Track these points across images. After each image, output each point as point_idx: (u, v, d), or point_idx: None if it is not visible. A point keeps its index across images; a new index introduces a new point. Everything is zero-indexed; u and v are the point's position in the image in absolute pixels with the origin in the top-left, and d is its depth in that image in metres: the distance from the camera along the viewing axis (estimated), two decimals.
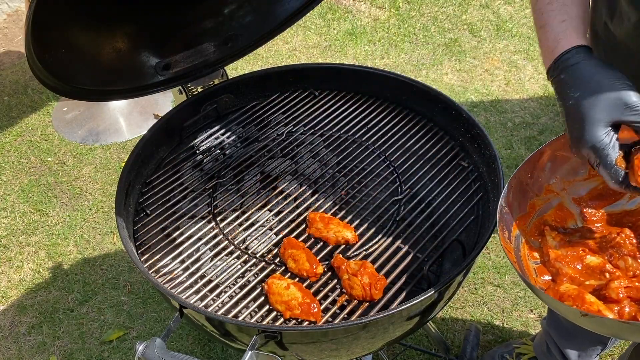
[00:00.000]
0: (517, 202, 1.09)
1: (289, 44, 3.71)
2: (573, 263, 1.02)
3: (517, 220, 1.08)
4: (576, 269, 1.01)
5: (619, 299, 0.90)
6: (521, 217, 1.09)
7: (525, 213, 1.10)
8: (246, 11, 1.57)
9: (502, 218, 1.03)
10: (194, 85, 1.60)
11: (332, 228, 1.25)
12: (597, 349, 1.75)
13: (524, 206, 1.10)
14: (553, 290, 0.96)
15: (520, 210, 1.09)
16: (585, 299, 0.91)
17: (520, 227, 1.08)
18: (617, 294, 0.90)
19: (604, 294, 0.91)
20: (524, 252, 1.06)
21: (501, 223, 1.02)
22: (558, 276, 1.01)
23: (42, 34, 1.13)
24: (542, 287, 1.00)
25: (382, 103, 1.62)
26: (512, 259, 0.99)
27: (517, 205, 1.09)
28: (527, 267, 1.04)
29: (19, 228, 2.63)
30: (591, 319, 0.83)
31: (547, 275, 1.02)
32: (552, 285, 1.00)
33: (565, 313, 0.88)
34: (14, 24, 4.11)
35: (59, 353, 2.16)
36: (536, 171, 1.10)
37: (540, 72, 3.32)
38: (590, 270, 1.00)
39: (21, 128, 3.20)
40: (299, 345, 1.07)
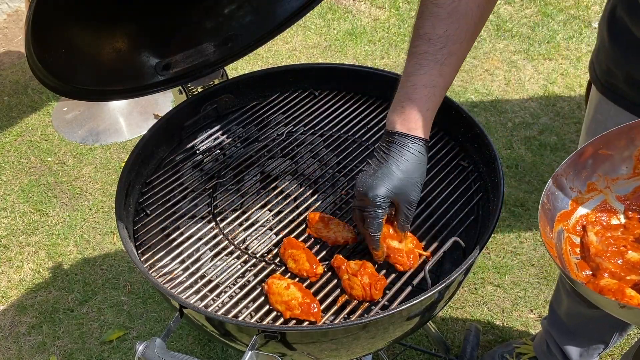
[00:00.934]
0: (559, 199, 1.10)
1: (289, 44, 3.71)
2: (614, 258, 1.03)
3: (559, 216, 1.09)
4: (617, 264, 1.02)
5: None
6: (563, 213, 1.10)
7: (567, 210, 1.11)
8: (246, 11, 1.57)
9: (543, 213, 1.05)
10: (194, 85, 1.60)
11: (332, 228, 1.25)
12: (599, 347, 1.75)
13: (566, 203, 1.11)
14: (593, 284, 0.97)
15: (562, 207, 1.11)
16: (625, 292, 0.92)
17: (561, 222, 1.09)
18: None
19: None
20: (566, 247, 1.07)
21: (542, 219, 1.04)
22: (598, 271, 1.02)
23: (42, 34, 1.13)
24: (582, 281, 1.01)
25: (382, 103, 1.62)
26: (553, 254, 1.00)
27: (559, 202, 1.10)
28: (569, 262, 1.05)
29: (19, 228, 2.63)
30: (629, 310, 0.85)
31: (588, 270, 1.04)
32: (592, 279, 1.00)
33: (604, 305, 0.90)
34: (14, 24, 4.11)
35: (59, 353, 2.16)
36: (578, 168, 1.11)
37: (540, 72, 3.33)
38: (631, 266, 1.01)
39: (21, 128, 3.20)
40: (299, 345, 1.07)
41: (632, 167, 1.11)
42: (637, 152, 1.09)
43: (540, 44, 3.52)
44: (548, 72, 3.32)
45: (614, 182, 1.12)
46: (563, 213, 1.10)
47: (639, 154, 1.09)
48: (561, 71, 3.32)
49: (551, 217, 1.07)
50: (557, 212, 1.09)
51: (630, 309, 0.84)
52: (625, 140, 1.08)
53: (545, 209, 1.06)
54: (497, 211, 1.18)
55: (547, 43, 3.52)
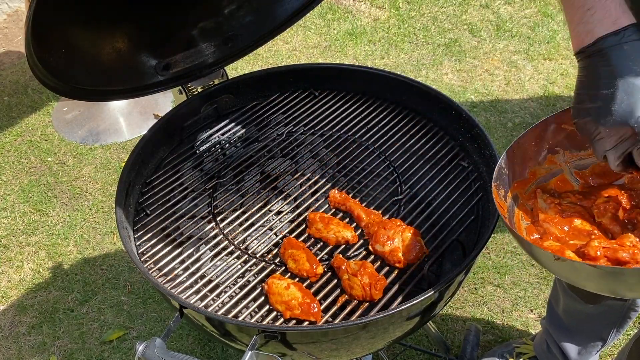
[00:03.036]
0: (518, 167, 1.12)
1: (289, 44, 3.71)
2: (561, 225, 1.05)
3: (515, 183, 1.12)
4: (562, 230, 1.04)
5: (597, 257, 0.93)
6: (520, 181, 1.13)
7: (525, 179, 1.13)
8: (246, 11, 1.57)
9: (499, 177, 1.07)
10: (194, 85, 1.60)
11: (332, 228, 1.25)
12: (597, 345, 1.75)
13: (524, 172, 1.13)
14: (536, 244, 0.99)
15: (519, 175, 1.13)
16: (564, 253, 0.94)
17: (517, 189, 1.12)
18: (595, 252, 0.93)
19: (583, 251, 0.95)
20: (518, 213, 1.10)
21: (497, 181, 1.07)
22: (545, 235, 1.05)
23: (42, 34, 1.13)
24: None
25: (382, 103, 1.62)
26: (503, 213, 1.02)
27: (517, 170, 1.12)
28: (519, 226, 1.07)
29: (19, 228, 2.63)
30: (562, 263, 0.86)
31: (536, 234, 1.06)
32: (537, 240, 1.03)
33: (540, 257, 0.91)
34: (14, 24, 4.11)
35: (59, 353, 2.16)
36: (540, 140, 1.12)
37: (540, 72, 3.32)
38: (577, 232, 1.03)
39: (21, 128, 3.20)
40: (299, 345, 1.07)
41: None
42: None
43: (540, 44, 3.52)
44: (548, 72, 3.32)
45: (574, 158, 1.14)
46: (521, 181, 1.12)
47: None
48: (561, 71, 3.32)
49: (507, 182, 1.10)
50: (515, 178, 1.11)
51: (563, 261, 0.86)
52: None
53: (501, 172, 1.08)
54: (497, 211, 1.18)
55: (547, 43, 3.52)
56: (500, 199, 1.06)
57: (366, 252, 1.24)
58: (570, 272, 0.89)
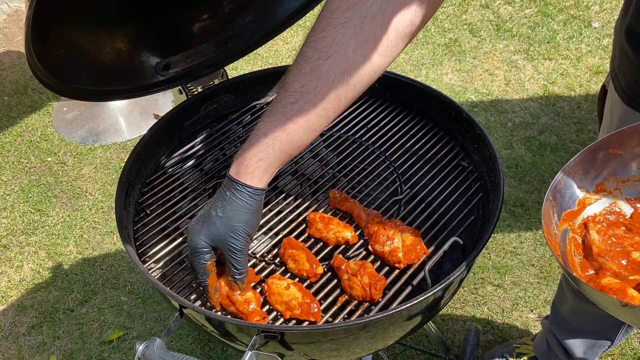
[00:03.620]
0: (566, 197, 1.06)
1: (289, 44, 3.71)
2: (617, 258, 0.99)
3: (564, 215, 1.05)
4: (620, 264, 0.98)
5: None
6: (569, 212, 1.06)
7: (573, 210, 1.07)
8: (246, 11, 1.56)
9: (548, 210, 1.01)
10: (194, 85, 1.60)
11: (332, 228, 1.25)
12: (604, 345, 1.74)
13: (572, 202, 1.07)
14: (594, 283, 0.94)
15: (568, 205, 1.06)
16: (627, 292, 0.89)
17: (567, 222, 1.05)
18: None
19: None
20: (570, 247, 1.03)
21: (547, 215, 1.00)
22: (601, 270, 0.98)
23: (42, 34, 1.13)
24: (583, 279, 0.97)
25: (382, 103, 1.62)
26: (556, 252, 0.96)
27: (565, 201, 1.06)
28: (572, 262, 1.01)
29: (19, 228, 2.63)
30: (631, 309, 0.81)
31: (591, 270, 1.00)
32: (594, 277, 0.97)
33: (605, 304, 0.87)
34: (14, 24, 4.11)
35: (59, 353, 2.16)
36: (587, 167, 1.06)
37: (540, 72, 3.33)
38: (636, 266, 0.97)
39: (21, 128, 3.20)
40: (299, 345, 1.07)
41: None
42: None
43: (540, 44, 3.52)
44: (548, 72, 3.32)
45: (624, 184, 1.08)
46: (569, 212, 1.06)
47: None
48: (561, 71, 3.32)
49: (557, 216, 1.04)
50: (562, 211, 1.05)
51: (632, 307, 0.81)
52: (637, 140, 1.04)
53: (550, 205, 1.01)
54: (497, 211, 1.18)
55: (547, 43, 3.52)
56: (552, 234, 0.99)
57: (366, 252, 1.24)
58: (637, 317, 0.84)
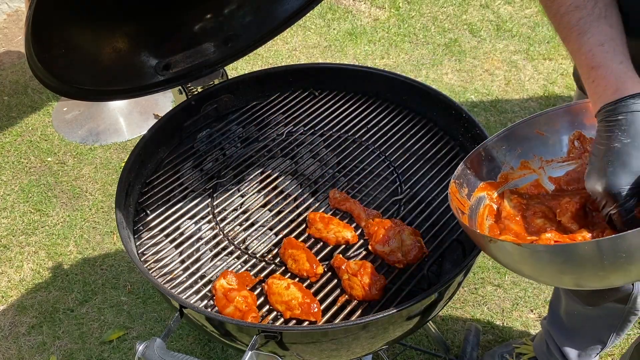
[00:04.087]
0: (487, 168, 1.12)
1: (289, 44, 3.71)
2: (522, 223, 1.04)
3: (483, 184, 1.12)
4: (522, 227, 1.04)
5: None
6: (489, 183, 1.12)
7: (495, 181, 1.13)
8: (246, 11, 1.57)
9: (463, 176, 1.08)
10: (194, 85, 1.60)
11: (332, 228, 1.25)
12: (596, 347, 1.75)
13: (494, 174, 1.13)
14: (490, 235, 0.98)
15: (488, 177, 1.12)
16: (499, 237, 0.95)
17: (485, 190, 1.12)
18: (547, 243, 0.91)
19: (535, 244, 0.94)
20: (483, 211, 1.09)
21: (460, 179, 1.07)
22: (504, 231, 1.04)
23: (42, 34, 1.13)
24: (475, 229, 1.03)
25: (382, 103, 1.62)
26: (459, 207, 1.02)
27: (485, 171, 1.12)
28: (481, 223, 1.07)
29: (19, 228, 2.63)
30: (495, 244, 0.87)
31: (497, 231, 1.06)
32: (496, 236, 1.02)
33: (476, 239, 0.92)
34: (14, 24, 4.11)
35: (59, 353, 2.16)
36: (511, 144, 1.12)
37: (540, 72, 3.32)
38: (537, 229, 1.02)
39: (21, 128, 3.20)
40: (299, 345, 1.07)
41: (566, 151, 1.11)
42: (572, 136, 1.10)
43: (540, 44, 3.52)
44: (548, 72, 3.32)
45: (548, 164, 1.13)
46: (489, 183, 1.12)
47: (574, 138, 1.10)
48: (561, 71, 3.32)
49: (473, 183, 1.10)
50: (482, 180, 1.11)
51: (495, 242, 0.86)
52: (560, 123, 1.09)
53: (466, 173, 1.08)
54: None
55: (547, 43, 3.52)
56: (462, 196, 1.06)
57: (366, 252, 1.24)
58: (503, 255, 0.89)
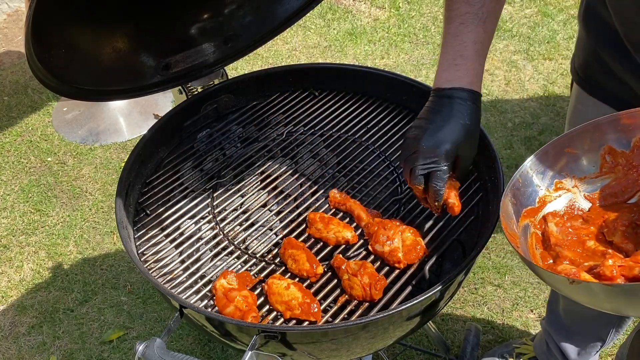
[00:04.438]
0: (525, 195, 1.11)
1: (289, 44, 3.71)
2: (573, 247, 1.03)
3: (525, 212, 1.10)
4: (576, 252, 1.02)
5: (613, 276, 0.90)
6: (530, 209, 1.11)
7: (534, 207, 1.12)
8: (246, 11, 1.56)
9: (505, 208, 1.07)
10: (194, 85, 1.60)
11: (332, 228, 1.25)
12: (596, 345, 1.75)
13: (532, 200, 1.12)
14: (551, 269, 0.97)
15: (528, 203, 1.11)
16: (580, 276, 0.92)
17: (528, 218, 1.10)
18: (611, 272, 0.91)
19: (598, 272, 0.92)
20: (532, 241, 1.08)
21: (505, 211, 1.06)
22: (558, 259, 1.02)
23: (42, 34, 1.13)
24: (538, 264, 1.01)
25: (382, 103, 1.62)
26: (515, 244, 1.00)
27: (525, 199, 1.11)
28: (534, 255, 1.05)
29: (19, 228, 2.63)
30: (578, 285, 0.85)
31: (550, 259, 1.04)
32: (552, 265, 1.01)
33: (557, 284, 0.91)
34: (14, 24, 4.11)
35: (59, 353, 2.16)
36: (545, 166, 1.11)
37: (540, 72, 3.32)
38: (591, 253, 1.01)
39: (21, 128, 3.20)
40: (299, 345, 1.07)
41: (599, 166, 1.11)
42: (602, 151, 1.10)
43: (540, 44, 3.52)
44: (548, 72, 3.32)
45: (581, 181, 1.12)
46: (530, 209, 1.11)
47: (605, 152, 1.09)
48: (561, 71, 3.32)
49: (516, 212, 1.09)
50: (523, 207, 1.10)
51: (578, 283, 0.85)
52: (589, 139, 1.09)
53: (509, 202, 1.07)
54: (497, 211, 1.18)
55: (547, 43, 3.52)
56: (511, 229, 1.05)
57: (366, 252, 1.24)
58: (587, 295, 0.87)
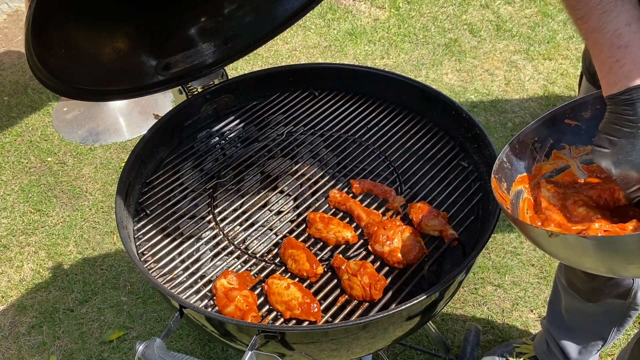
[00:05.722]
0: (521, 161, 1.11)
1: (289, 44, 3.71)
2: (563, 212, 1.03)
3: (519, 177, 1.10)
4: (564, 216, 1.03)
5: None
6: (524, 176, 1.11)
7: (530, 174, 1.12)
8: (246, 11, 1.57)
9: (500, 170, 1.06)
10: (194, 85, 1.60)
11: (332, 228, 1.25)
12: (597, 344, 1.75)
13: (529, 167, 1.12)
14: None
15: (523, 170, 1.11)
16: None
17: (522, 183, 1.10)
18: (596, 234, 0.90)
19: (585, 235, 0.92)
20: (523, 206, 1.08)
21: (499, 174, 1.05)
22: (546, 222, 1.03)
23: (42, 34, 1.13)
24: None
25: (382, 103, 1.62)
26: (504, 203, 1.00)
27: (520, 165, 1.11)
28: (523, 217, 1.06)
29: (19, 228, 2.63)
30: (556, 238, 0.85)
31: (539, 222, 1.04)
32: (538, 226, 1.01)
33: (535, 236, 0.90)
34: (14, 24, 4.11)
35: (59, 353, 2.16)
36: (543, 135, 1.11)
37: (540, 72, 3.32)
38: (581, 218, 1.01)
39: (21, 128, 3.20)
40: (299, 345, 1.07)
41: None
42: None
43: (540, 44, 3.52)
44: (548, 72, 3.32)
45: (581, 153, 1.12)
46: (525, 176, 1.11)
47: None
48: (561, 71, 3.32)
49: (510, 177, 1.09)
50: (517, 174, 1.10)
51: (556, 236, 0.84)
52: (590, 111, 1.08)
53: (503, 167, 1.07)
54: (497, 211, 1.18)
55: (547, 43, 3.52)
56: (502, 191, 1.05)
57: (366, 252, 1.24)
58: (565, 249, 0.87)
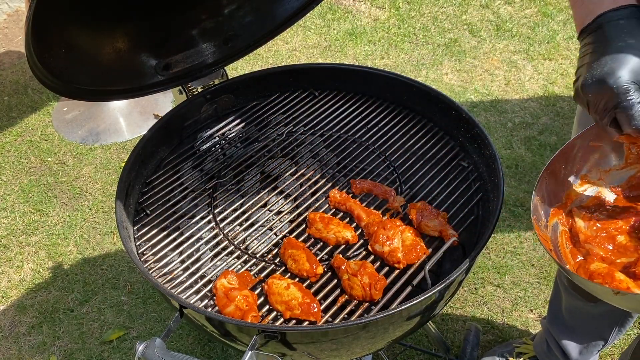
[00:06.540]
0: (553, 193, 1.09)
1: (289, 44, 3.71)
2: (604, 243, 1.02)
3: (553, 210, 1.08)
4: (607, 249, 1.01)
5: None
6: (558, 207, 1.09)
7: (562, 203, 1.10)
8: (246, 11, 1.57)
9: (535, 209, 1.04)
10: (194, 85, 1.60)
11: (332, 228, 1.25)
12: (598, 344, 1.75)
13: (560, 196, 1.10)
14: (583, 269, 0.95)
15: (556, 200, 1.09)
16: (614, 276, 0.90)
17: (556, 216, 1.08)
18: None
19: (634, 271, 0.91)
20: (562, 240, 1.06)
21: (535, 214, 1.03)
22: (589, 256, 1.00)
23: (42, 34, 1.13)
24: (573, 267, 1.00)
25: (382, 103, 1.62)
26: (547, 246, 0.98)
27: (552, 196, 1.09)
28: (565, 255, 1.04)
29: (19, 228, 2.63)
30: (624, 296, 0.83)
31: (579, 256, 1.02)
32: (583, 263, 0.99)
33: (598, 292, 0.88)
34: (14, 24, 4.11)
35: (59, 353, 2.16)
36: (569, 162, 1.09)
37: (540, 72, 3.32)
38: (623, 249, 1.00)
39: (21, 128, 3.20)
40: (299, 345, 1.07)
41: (623, 157, 1.10)
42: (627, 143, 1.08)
43: (540, 44, 3.52)
44: (548, 72, 3.32)
45: (607, 174, 1.11)
46: (558, 206, 1.09)
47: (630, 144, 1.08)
48: (561, 71, 3.32)
49: (545, 212, 1.07)
50: (551, 206, 1.08)
51: (624, 294, 0.83)
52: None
53: (536, 203, 1.05)
54: (497, 211, 1.18)
55: (547, 43, 3.52)
56: (542, 231, 1.02)
57: (366, 252, 1.24)
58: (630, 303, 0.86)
